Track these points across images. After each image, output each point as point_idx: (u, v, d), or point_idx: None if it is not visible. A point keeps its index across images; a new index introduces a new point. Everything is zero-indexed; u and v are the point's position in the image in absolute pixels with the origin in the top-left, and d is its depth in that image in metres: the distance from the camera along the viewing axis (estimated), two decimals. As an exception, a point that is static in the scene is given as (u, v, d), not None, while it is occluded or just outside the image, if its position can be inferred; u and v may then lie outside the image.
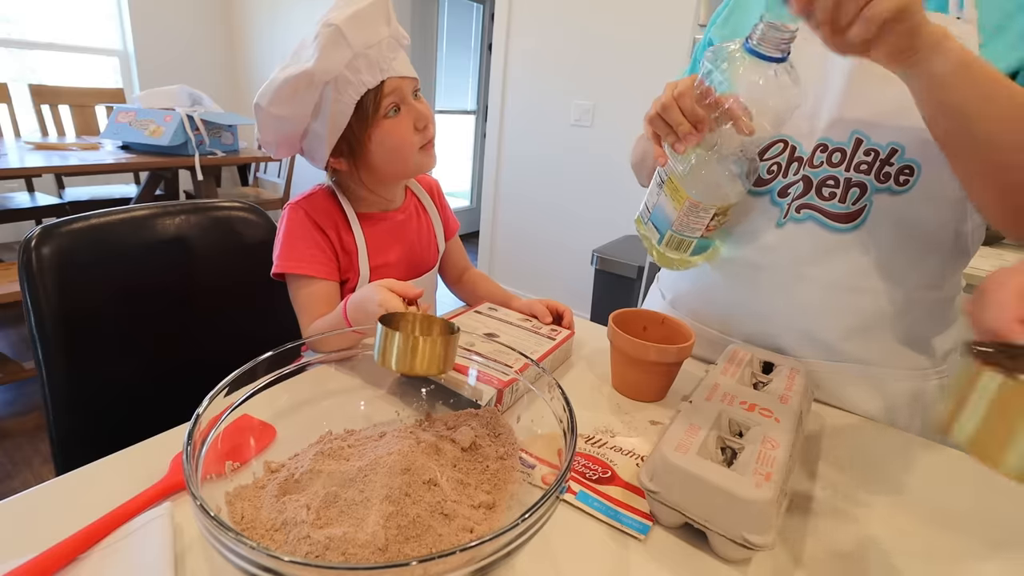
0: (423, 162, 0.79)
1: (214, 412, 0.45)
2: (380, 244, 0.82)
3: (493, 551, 0.34)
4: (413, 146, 0.76)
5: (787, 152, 0.67)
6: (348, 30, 0.66)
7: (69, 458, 0.74)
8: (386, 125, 0.74)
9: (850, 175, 0.63)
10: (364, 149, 0.75)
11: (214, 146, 2.34)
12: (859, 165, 0.63)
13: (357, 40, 0.67)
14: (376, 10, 0.69)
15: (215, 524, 0.32)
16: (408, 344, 0.46)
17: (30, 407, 1.88)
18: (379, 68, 0.70)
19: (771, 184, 0.68)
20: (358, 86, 0.70)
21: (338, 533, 0.39)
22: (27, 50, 3.01)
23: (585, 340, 0.83)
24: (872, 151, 0.62)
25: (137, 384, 0.81)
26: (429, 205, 0.92)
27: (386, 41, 0.70)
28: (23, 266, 0.72)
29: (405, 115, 0.75)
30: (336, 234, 0.79)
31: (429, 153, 0.79)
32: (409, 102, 0.75)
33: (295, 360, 0.52)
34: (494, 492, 0.46)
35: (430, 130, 0.78)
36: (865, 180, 0.63)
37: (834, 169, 0.64)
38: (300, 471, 0.46)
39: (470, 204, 4.42)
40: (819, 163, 0.64)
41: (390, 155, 0.76)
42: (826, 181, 0.64)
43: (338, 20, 0.66)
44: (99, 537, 0.42)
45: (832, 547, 0.47)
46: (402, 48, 0.74)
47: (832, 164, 0.64)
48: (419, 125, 0.76)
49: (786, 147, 0.67)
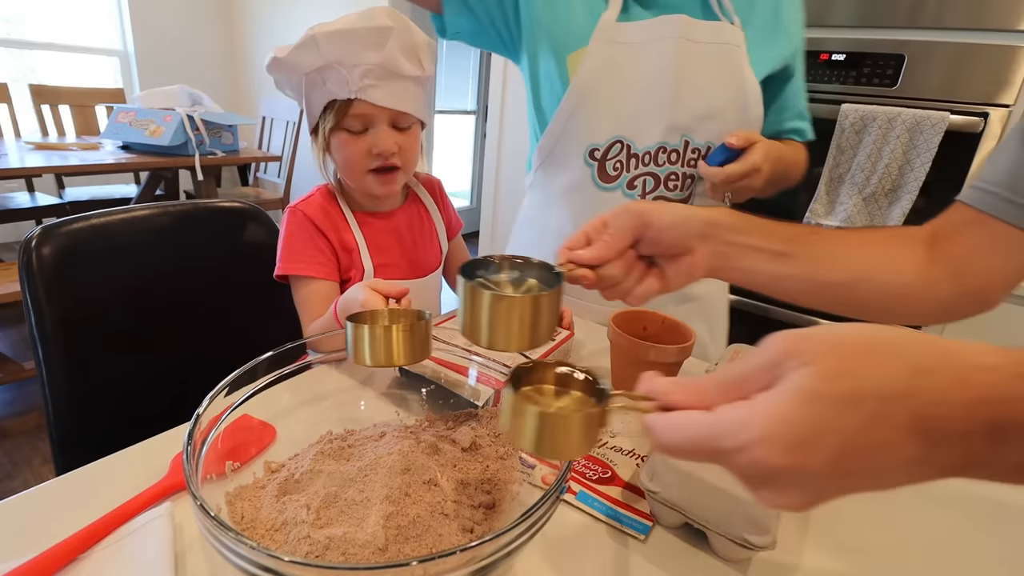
0: (373, 186, 0.79)
1: (214, 412, 0.45)
2: (379, 243, 0.83)
3: (493, 551, 0.34)
4: (360, 167, 0.77)
5: (624, 151, 0.81)
6: (323, 42, 0.69)
7: (69, 458, 0.74)
8: (343, 137, 0.76)
9: (684, 169, 0.82)
10: (328, 147, 0.78)
11: (214, 146, 2.34)
12: (689, 161, 0.81)
13: (331, 53, 0.70)
14: (366, 36, 0.70)
15: (215, 524, 0.32)
16: (375, 336, 0.45)
17: (30, 407, 1.89)
18: (349, 87, 0.71)
19: (618, 180, 0.82)
20: (325, 93, 0.73)
21: (338, 533, 0.39)
22: (27, 50, 3.00)
23: (585, 340, 0.83)
24: (696, 149, 0.81)
25: (137, 384, 0.81)
26: (431, 205, 0.92)
27: (370, 68, 0.71)
28: (23, 266, 0.72)
29: (365, 138, 0.75)
30: (335, 234, 0.80)
31: (383, 181, 0.78)
32: (376, 129, 0.75)
33: (299, 359, 0.53)
34: (494, 492, 0.46)
35: (390, 161, 0.77)
36: (693, 172, 0.82)
37: (673, 166, 0.81)
38: (300, 471, 0.46)
39: (470, 204, 4.42)
40: (662, 162, 0.81)
41: (341, 165, 0.79)
42: (670, 176, 0.82)
43: (319, 30, 0.69)
44: (99, 537, 0.42)
45: (832, 547, 0.47)
46: (399, 79, 0.74)
47: (671, 162, 0.81)
48: (374, 152, 0.76)
49: (623, 146, 0.81)
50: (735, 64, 0.78)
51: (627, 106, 0.79)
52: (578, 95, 0.80)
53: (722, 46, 0.78)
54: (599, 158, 0.82)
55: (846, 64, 1.47)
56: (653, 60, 0.77)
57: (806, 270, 0.49)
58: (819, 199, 1.56)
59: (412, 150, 0.79)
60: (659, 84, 0.78)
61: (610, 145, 0.81)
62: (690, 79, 0.77)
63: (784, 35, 0.82)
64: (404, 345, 0.46)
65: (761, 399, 0.26)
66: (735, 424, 0.26)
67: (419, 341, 0.48)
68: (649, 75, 0.78)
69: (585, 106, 0.80)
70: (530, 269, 0.45)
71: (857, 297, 0.51)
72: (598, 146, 0.82)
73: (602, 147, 0.81)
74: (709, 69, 0.78)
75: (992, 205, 0.50)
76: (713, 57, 0.78)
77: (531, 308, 0.39)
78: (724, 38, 0.78)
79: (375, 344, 0.46)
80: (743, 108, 0.80)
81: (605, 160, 0.82)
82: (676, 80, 0.77)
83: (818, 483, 0.25)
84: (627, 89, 0.79)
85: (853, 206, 1.50)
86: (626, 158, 0.81)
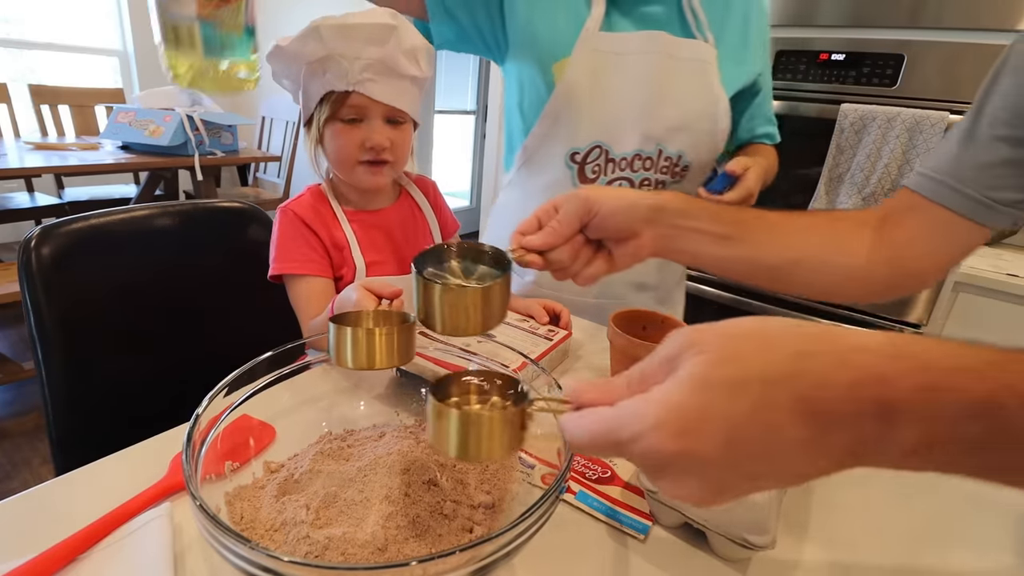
0: (363, 178, 0.80)
1: (214, 412, 0.45)
2: (371, 242, 0.83)
3: (493, 551, 0.34)
4: (352, 158, 0.78)
5: (603, 155, 0.86)
6: (327, 33, 0.71)
7: (69, 458, 0.74)
8: (337, 127, 0.77)
9: (657, 176, 0.88)
10: (322, 137, 0.79)
11: (214, 146, 2.34)
12: (662, 168, 0.87)
13: (333, 45, 0.72)
14: (369, 32, 0.72)
15: (215, 524, 0.32)
16: (357, 339, 0.45)
17: (30, 407, 1.88)
18: (348, 79, 0.73)
19: (596, 182, 0.87)
20: (324, 83, 0.74)
21: (338, 533, 0.39)
22: (27, 50, 3.00)
23: (584, 340, 0.83)
24: (668, 158, 0.87)
25: (137, 384, 0.81)
26: (423, 203, 0.92)
27: (370, 62, 0.72)
28: (23, 266, 0.71)
29: (359, 130, 0.77)
30: (326, 232, 0.80)
31: (373, 171, 0.79)
32: (371, 122, 0.77)
33: (298, 359, 0.53)
34: (494, 492, 0.46)
35: (382, 156, 0.78)
36: (664, 179, 0.89)
37: (647, 172, 0.87)
38: (300, 471, 0.46)
39: (470, 204, 4.42)
40: (637, 168, 0.87)
41: (333, 156, 0.79)
42: (644, 182, 0.88)
43: (323, 22, 0.71)
44: (99, 537, 0.42)
45: (832, 547, 0.47)
46: (397, 77, 0.75)
47: (646, 169, 0.87)
48: (366, 145, 0.77)
49: (602, 151, 0.86)
50: (708, 80, 0.85)
51: (608, 114, 0.84)
52: (563, 101, 0.84)
53: (698, 63, 0.84)
54: (580, 161, 0.87)
55: (846, 64, 1.47)
56: (634, 72, 0.83)
57: (748, 252, 0.51)
58: (819, 199, 1.56)
59: (404, 147, 0.81)
60: (638, 95, 0.83)
61: (590, 149, 0.86)
62: (667, 92, 0.83)
63: (752, 55, 0.90)
64: (386, 348, 0.45)
65: (656, 389, 0.27)
66: (632, 415, 0.27)
67: (402, 344, 0.46)
68: (629, 86, 0.83)
69: (568, 112, 0.85)
70: (482, 256, 0.46)
71: (796, 278, 0.53)
72: (579, 150, 0.86)
73: (583, 151, 0.86)
74: (685, 84, 0.84)
75: (935, 191, 0.52)
76: (689, 73, 0.84)
77: (480, 297, 0.41)
78: (700, 55, 0.84)
79: (356, 347, 0.45)
80: (713, 121, 0.86)
81: (585, 163, 0.87)
82: (654, 92, 0.83)
83: (713, 471, 0.26)
84: (609, 98, 0.84)
85: (853, 206, 1.50)
86: (604, 162, 0.86)
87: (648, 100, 0.83)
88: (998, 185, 0.49)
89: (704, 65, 0.84)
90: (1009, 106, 0.48)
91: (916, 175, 0.54)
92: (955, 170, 0.51)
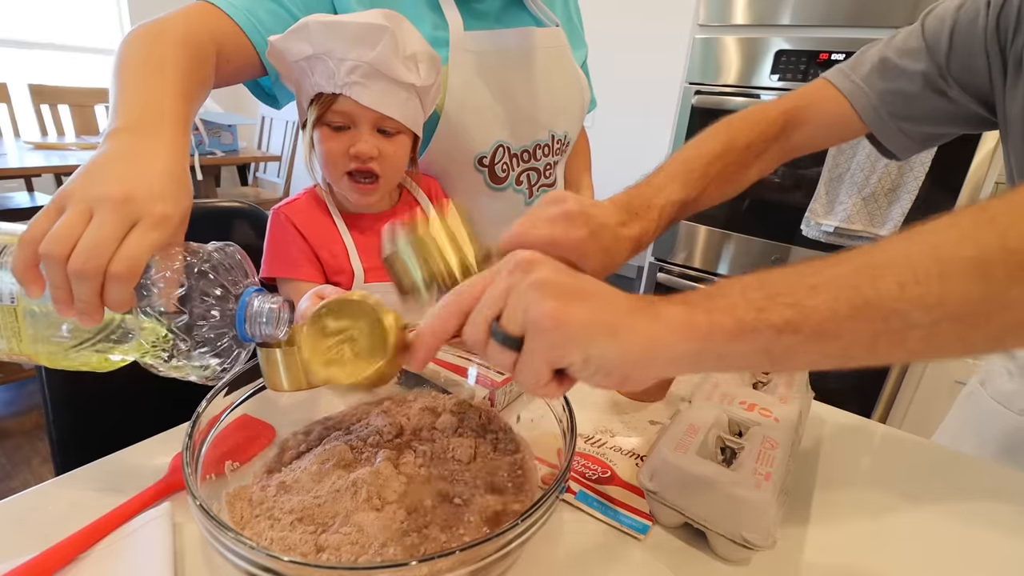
0: (348, 192, 0.76)
1: (214, 412, 0.45)
2: (371, 246, 0.81)
3: (493, 551, 0.34)
4: (338, 166, 0.73)
5: (506, 153, 0.89)
6: (314, 29, 0.67)
7: (68, 458, 0.74)
8: (324, 132, 0.73)
9: (555, 159, 0.96)
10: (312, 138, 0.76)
11: (214, 146, 2.34)
12: (557, 150, 0.95)
13: (320, 43, 0.67)
14: (356, 31, 0.68)
15: (215, 524, 0.32)
16: (288, 358, 0.41)
17: (30, 407, 1.89)
18: (335, 81, 0.69)
19: (507, 179, 0.91)
20: (312, 84, 0.70)
21: (338, 533, 0.39)
22: (27, 50, 3.00)
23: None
24: (559, 140, 0.95)
25: (136, 384, 0.80)
26: (427, 206, 0.92)
27: (358, 64, 0.68)
28: (23, 266, 0.71)
29: (345, 136, 0.72)
30: (319, 238, 0.78)
31: (359, 189, 0.75)
32: (358, 130, 0.72)
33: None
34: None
35: (368, 165, 0.73)
36: (558, 159, 0.97)
37: (547, 158, 0.94)
38: (300, 471, 0.46)
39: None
40: (539, 156, 0.93)
41: (321, 161, 0.75)
42: (547, 167, 0.95)
43: (312, 19, 0.67)
44: (99, 537, 0.42)
45: (832, 547, 0.47)
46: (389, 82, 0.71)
47: (545, 155, 0.94)
48: (351, 152, 0.72)
49: (505, 149, 0.89)
50: (568, 62, 0.93)
51: (498, 112, 0.87)
52: (455, 112, 0.83)
53: (559, 48, 0.92)
54: (487, 164, 0.88)
55: (846, 64, 1.47)
56: (510, 67, 0.87)
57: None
58: (819, 199, 1.56)
59: (395, 158, 0.75)
60: (520, 88, 0.88)
61: (494, 150, 0.88)
62: (543, 80, 0.89)
63: (580, 34, 1.00)
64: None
65: None
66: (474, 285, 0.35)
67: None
68: (510, 81, 0.87)
69: (462, 121, 0.85)
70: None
71: (704, 199, 0.61)
72: (484, 154, 0.88)
73: (487, 154, 0.88)
74: (554, 70, 0.91)
75: (852, 90, 0.63)
76: (555, 59, 0.91)
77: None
78: (559, 41, 0.92)
79: (289, 368, 0.42)
80: (582, 97, 0.97)
81: (493, 164, 0.89)
82: (534, 83, 0.89)
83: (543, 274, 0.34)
84: (495, 97, 0.86)
85: (852, 206, 1.50)
86: (509, 159, 0.90)
87: (531, 91, 0.88)
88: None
89: (564, 49, 0.92)
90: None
91: (837, 71, 0.66)
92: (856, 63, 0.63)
